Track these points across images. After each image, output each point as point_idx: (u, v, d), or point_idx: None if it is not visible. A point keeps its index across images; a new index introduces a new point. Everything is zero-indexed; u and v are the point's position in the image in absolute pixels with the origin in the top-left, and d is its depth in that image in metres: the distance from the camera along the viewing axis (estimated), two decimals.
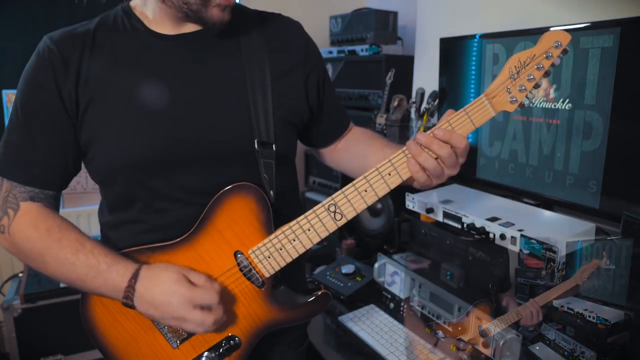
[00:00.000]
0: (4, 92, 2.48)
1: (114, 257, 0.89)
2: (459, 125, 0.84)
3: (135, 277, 0.87)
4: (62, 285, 2.12)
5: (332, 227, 0.90)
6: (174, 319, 0.86)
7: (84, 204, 2.53)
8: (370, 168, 0.88)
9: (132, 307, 0.88)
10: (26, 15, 2.55)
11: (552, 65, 0.82)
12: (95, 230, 2.54)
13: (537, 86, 0.84)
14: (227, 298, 0.93)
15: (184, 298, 0.85)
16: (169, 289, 0.85)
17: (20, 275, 2.30)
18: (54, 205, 0.96)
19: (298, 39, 1.03)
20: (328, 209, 0.89)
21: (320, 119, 1.09)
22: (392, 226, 1.85)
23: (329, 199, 0.89)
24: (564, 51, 0.81)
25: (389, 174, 0.87)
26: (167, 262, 0.91)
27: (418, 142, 0.84)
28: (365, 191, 0.87)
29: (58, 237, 0.90)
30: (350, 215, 0.89)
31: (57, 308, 2.13)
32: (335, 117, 1.14)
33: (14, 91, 2.47)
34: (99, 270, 0.88)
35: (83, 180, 2.55)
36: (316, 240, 0.91)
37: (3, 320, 2.16)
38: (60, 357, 2.16)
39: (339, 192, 0.88)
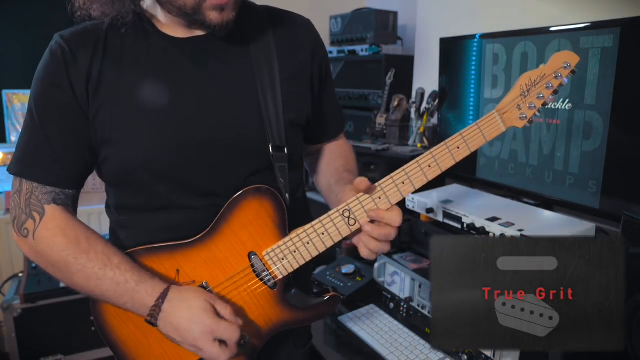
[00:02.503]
0: (4, 92, 2.48)
1: (142, 275, 0.89)
2: (472, 138, 0.87)
3: (163, 297, 0.87)
4: (62, 285, 2.12)
5: (346, 231, 0.92)
6: (192, 347, 0.87)
7: (84, 204, 2.50)
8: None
9: (154, 325, 0.88)
10: (26, 15, 2.55)
11: (560, 85, 0.85)
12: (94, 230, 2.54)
13: (545, 104, 0.87)
14: (239, 298, 0.95)
15: (207, 328, 0.85)
16: (195, 316, 0.86)
17: (20, 275, 2.30)
18: (73, 206, 0.96)
19: (307, 40, 1.03)
20: (342, 214, 0.91)
21: (316, 116, 1.08)
22: None
23: (344, 204, 0.91)
24: (572, 72, 0.85)
25: (403, 183, 0.89)
26: (196, 289, 0.91)
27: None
28: (379, 198, 0.90)
29: (85, 247, 0.90)
30: (363, 220, 0.91)
31: (57, 308, 2.13)
32: (330, 118, 1.13)
33: (14, 91, 2.49)
34: (126, 288, 0.88)
35: None
36: (329, 244, 0.93)
37: (3, 320, 2.16)
38: (60, 357, 2.16)
39: (354, 198, 0.90)
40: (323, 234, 0.92)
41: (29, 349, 2.12)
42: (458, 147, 0.88)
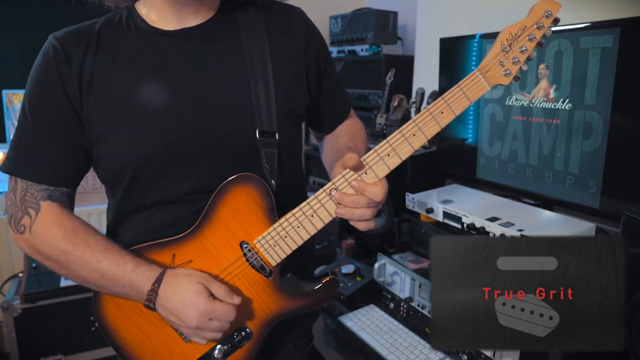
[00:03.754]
0: (4, 92, 2.48)
1: (140, 259, 0.91)
2: (455, 101, 0.84)
3: (159, 281, 0.88)
4: (62, 285, 2.12)
5: (335, 211, 0.89)
6: (190, 329, 0.88)
7: (84, 204, 2.52)
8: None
9: (154, 309, 0.89)
10: (26, 15, 2.55)
11: (544, 35, 0.82)
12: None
13: (529, 58, 0.83)
14: (236, 289, 0.94)
15: (202, 311, 0.86)
16: (189, 300, 0.86)
17: (20, 275, 2.30)
18: (69, 204, 0.97)
19: (299, 26, 1.02)
20: (329, 193, 0.88)
21: (318, 104, 1.08)
22: (392, 226, 1.85)
23: (330, 183, 0.88)
24: (555, 20, 0.81)
25: (388, 155, 0.86)
26: (190, 271, 0.91)
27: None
28: (366, 173, 0.87)
29: (84, 236, 0.91)
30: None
31: (57, 308, 2.13)
32: (334, 104, 1.13)
33: (14, 91, 2.49)
34: (124, 270, 0.89)
35: (83, 180, 2.54)
36: (320, 225, 0.90)
37: (3, 320, 2.16)
38: (60, 357, 2.16)
39: (340, 176, 0.87)
40: (312, 216, 0.90)
41: (29, 349, 2.12)
42: (442, 112, 0.84)
